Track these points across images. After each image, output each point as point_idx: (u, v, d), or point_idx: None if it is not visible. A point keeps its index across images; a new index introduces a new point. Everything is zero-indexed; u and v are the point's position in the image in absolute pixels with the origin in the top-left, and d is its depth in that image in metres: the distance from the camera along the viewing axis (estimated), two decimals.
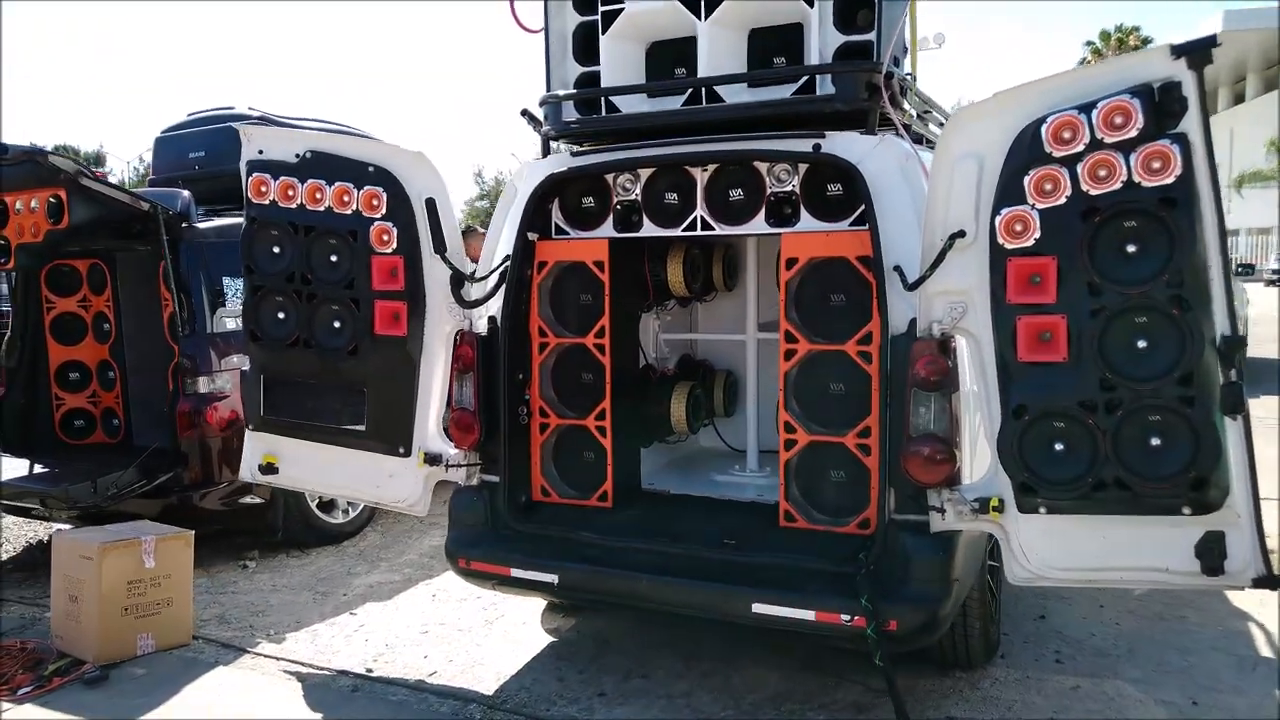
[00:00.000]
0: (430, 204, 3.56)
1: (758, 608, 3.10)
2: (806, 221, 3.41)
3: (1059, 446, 2.70)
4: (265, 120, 5.98)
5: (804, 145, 3.26)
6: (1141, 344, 2.59)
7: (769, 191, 3.44)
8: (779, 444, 3.45)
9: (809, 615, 3.04)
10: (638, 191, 3.64)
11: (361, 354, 3.67)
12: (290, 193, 3.67)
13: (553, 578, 3.41)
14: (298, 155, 3.69)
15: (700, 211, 3.54)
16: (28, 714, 3.49)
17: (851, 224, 3.31)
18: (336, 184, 3.60)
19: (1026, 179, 2.69)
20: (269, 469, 4.01)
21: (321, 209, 3.64)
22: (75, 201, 4.66)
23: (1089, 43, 38.41)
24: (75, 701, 3.56)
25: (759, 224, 3.47)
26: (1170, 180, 2.52)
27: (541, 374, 3.82)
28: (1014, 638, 4.07)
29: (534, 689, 3.64)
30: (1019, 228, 2.71)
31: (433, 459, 3.68)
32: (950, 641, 3.56)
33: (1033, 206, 2.69)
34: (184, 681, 3.72)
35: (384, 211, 3.58)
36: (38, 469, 5.27)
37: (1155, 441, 2.59)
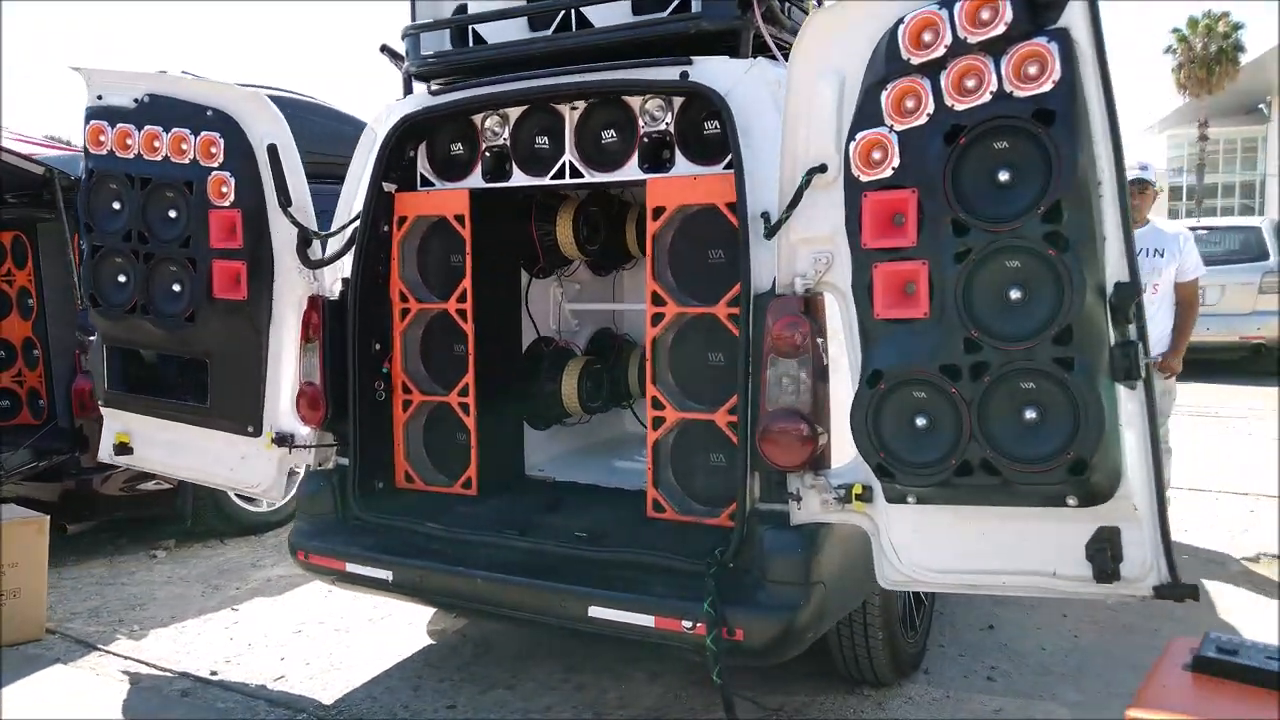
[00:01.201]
0: (272, 151, 3.19)
1: (594, 611, 2.67)
2: (682, 165, 2.96)
3: (920, 421, 2.21)
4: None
5: (670, 73, 2.81)
6: (1014, 294, 2.10)
7: (642, 131, 2.99)
8: (648, 423, 3.01)
9: (648, 621, 2.60)
10: (506, 136, 3.23)
11: (200, 320, 3.32)
12: (127, 141, 3.32)
13: (387, 574, 3.02)
14: (136, 100, 3.35)
15: (569, 156, 3.11)
16: None
17: (725, 166, 2.85)
18: (174, 130, 3.25)
19: (884, 94, 2.21)
20: (122, 449, 3.69)
21: (159, 158, 3.29)
22: None
23: (1175, 29, 36.63)
24: None
25: (632, 169, 3.02)
26: (1047, 88, 2.02)
27: (406, 345, 3.42)
28: (950, 650, 3.57)
29: (381, 699, 3.25)
30: (877, 155, 2.24)
31: (282, 439, 3.32)
32: (850, 654, 3.08)
33: (891, 129, 2.21)
34: (6, 680, 3.41)
35: (222, 160, 3.22)
36: None
37: (1029, 415, 2.09)
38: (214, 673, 3.50)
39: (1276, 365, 10.67)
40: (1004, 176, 2.09)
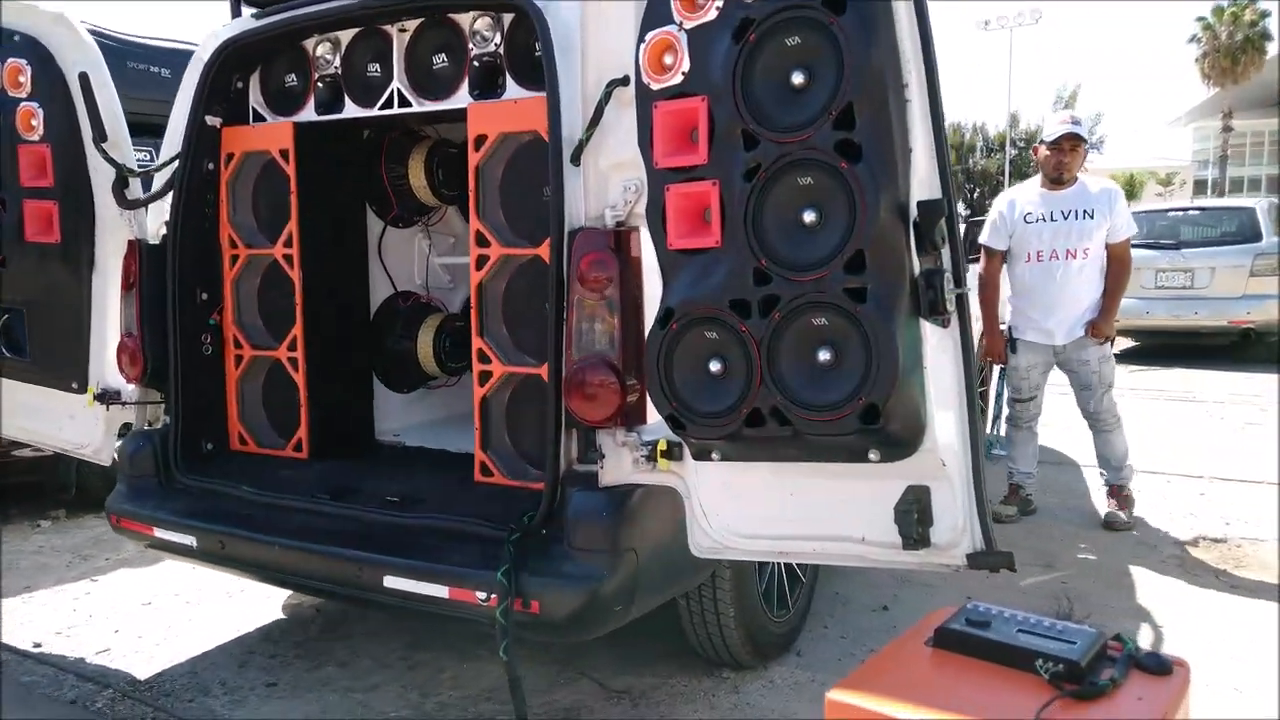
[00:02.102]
0: (84, 80, 2.93)
1: (390, 581, 2.41)
2: (513, 91, 2.67)
3: (715, 366, 1.93)
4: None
5: None
6: (808, 216, 1.81)
7: (472, 54, 2.70)
8: (474, 379, 2.73)
9: (442, 592, 2.34)
10: (338, 63, 2.95)
11: (13, 265, 3.08)
12: None
13: (191, 540, 2.77)
14: None
15: (397, 84, 2.83)
16: None
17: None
18: None
19: None
20: None
21: None
22: None
23: (1200, 18, 35.84)
24: None
25: (462, 96, 2.74)
26: None
27: (238, 295, 3.15)
28: (833, 631, 3.30)
29: (202, 674, 3.00)
30: (668, 60, 1.95)
31: (104, 396, 3.07)
32: (701, 633, 2.82)
33: (680, 26, 1.92)
34: None
35: (29, 89, 2.97)
36: None
37: (822, 356, 1.81)
38: (38, 645, 3.26)
39: (1275, 351, 10.32)
40: (797, 79, 1.80)
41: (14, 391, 3.32)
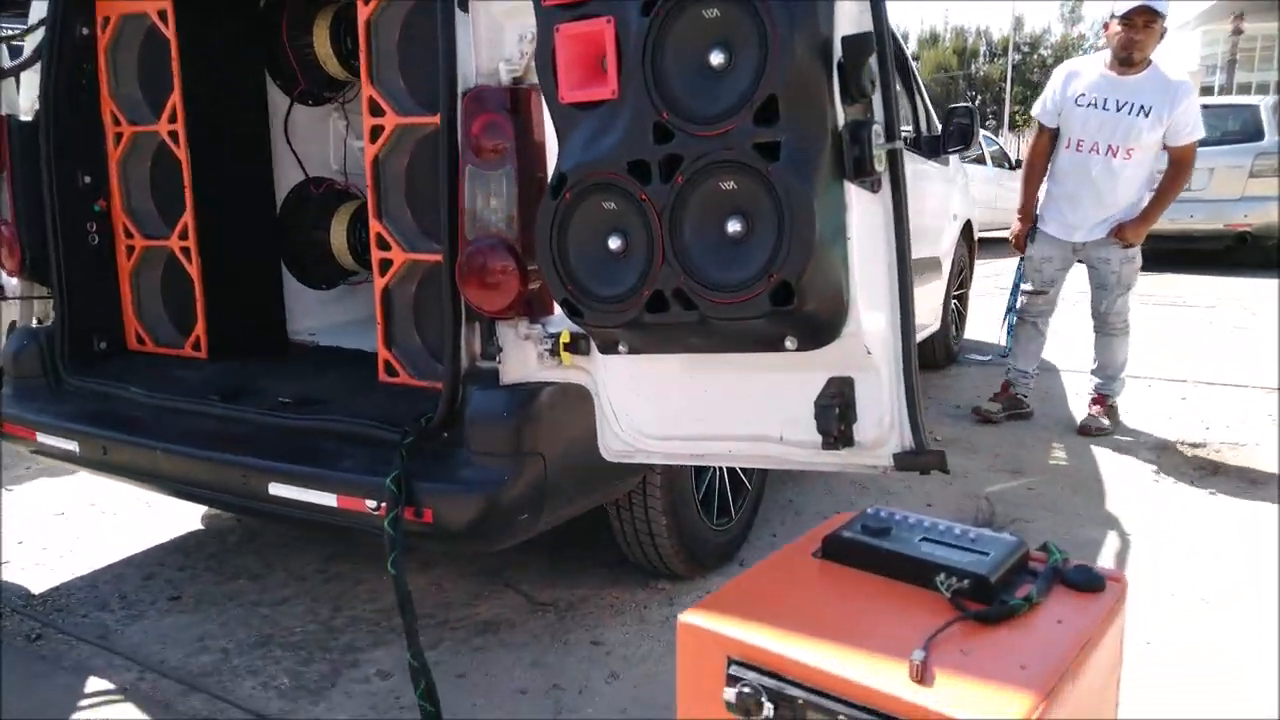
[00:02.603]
0: None
1: (275, 488, 2.18)
2: None
3: (614, 242, 1.66)
4: None
5: None
6: (715, 58, 1.51)
7: None
8: (374, 269, 2.46)
9: (330, 500, 2.11)
10: None
11: None
12: None
13: (74, 445, 2.54)
14: None
15: None
16: None
17: None
18: None
19: None
20: None
21: None
22: None
23: None
24: None
25: None
26: None
27: (127, 178, 2.85)
28: (782, 539, 3.09)
29: (102, 588, 2.81)
30: None
31: None
32: (634, 542, 2.62)
33: None
34: None
35: None
36: None
37: (732, 227, 1.53)
38: None
39: (1273, 255, 10.03)
40: None
41: None
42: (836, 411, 1.60)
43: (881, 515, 1.35)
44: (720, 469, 2.81)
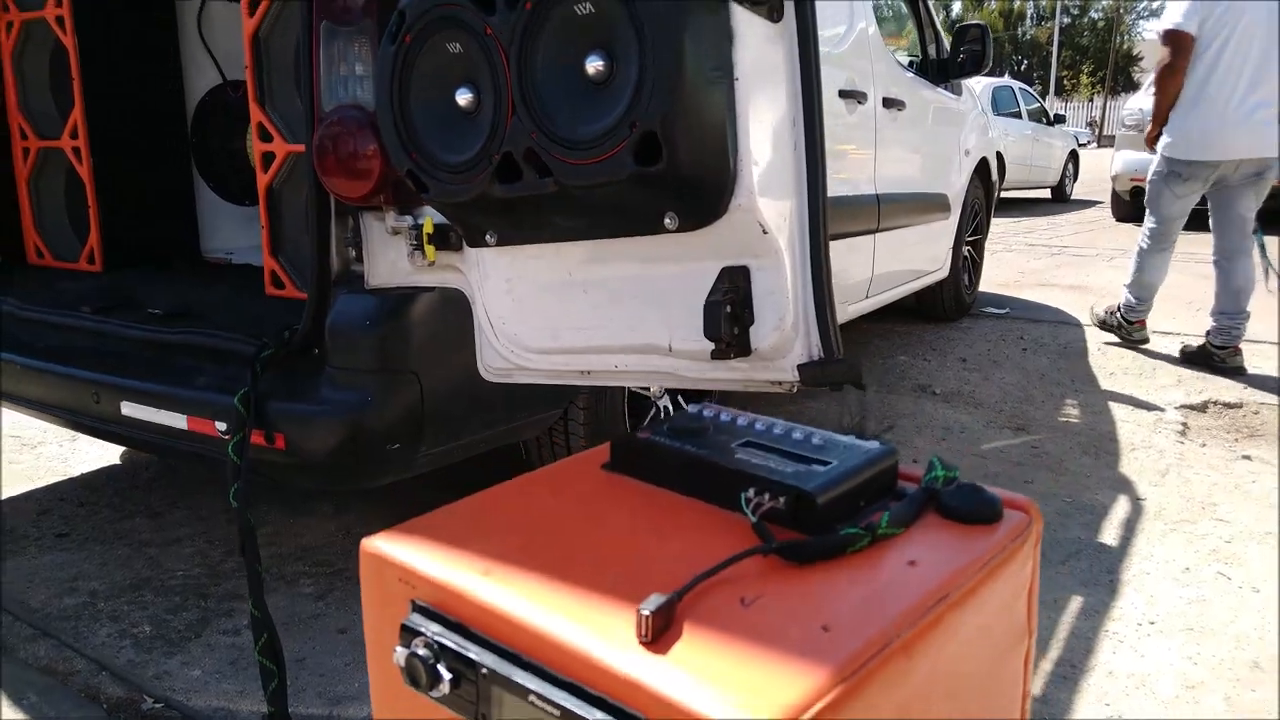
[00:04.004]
0: None
1: (127, 408, 1.90)
2: None
3: (463, 96, 1.33)
4: None
5: None
6: None
7: None
8: (256, 163, 2.15)
9: (179, 421, 1.83)
10: None
11: None
12: None
13: None
14: None
15: None
16: None
17: None
18: None
19: None
20: None
21: None
22: None
23: None
24: None
25: None
26: None
27: (21, 73, 2.57)
28: None
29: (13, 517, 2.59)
30: None
31: None
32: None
33: None
34: None
35: None
36: None
37: (593, 66, 1.19)
38: None
39: None
40: None
41: None
42: (728, 309, 1.26)
43: (704, 415, 1.03)
44: (669, 389, 2.50)
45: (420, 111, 1.37)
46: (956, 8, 38.93)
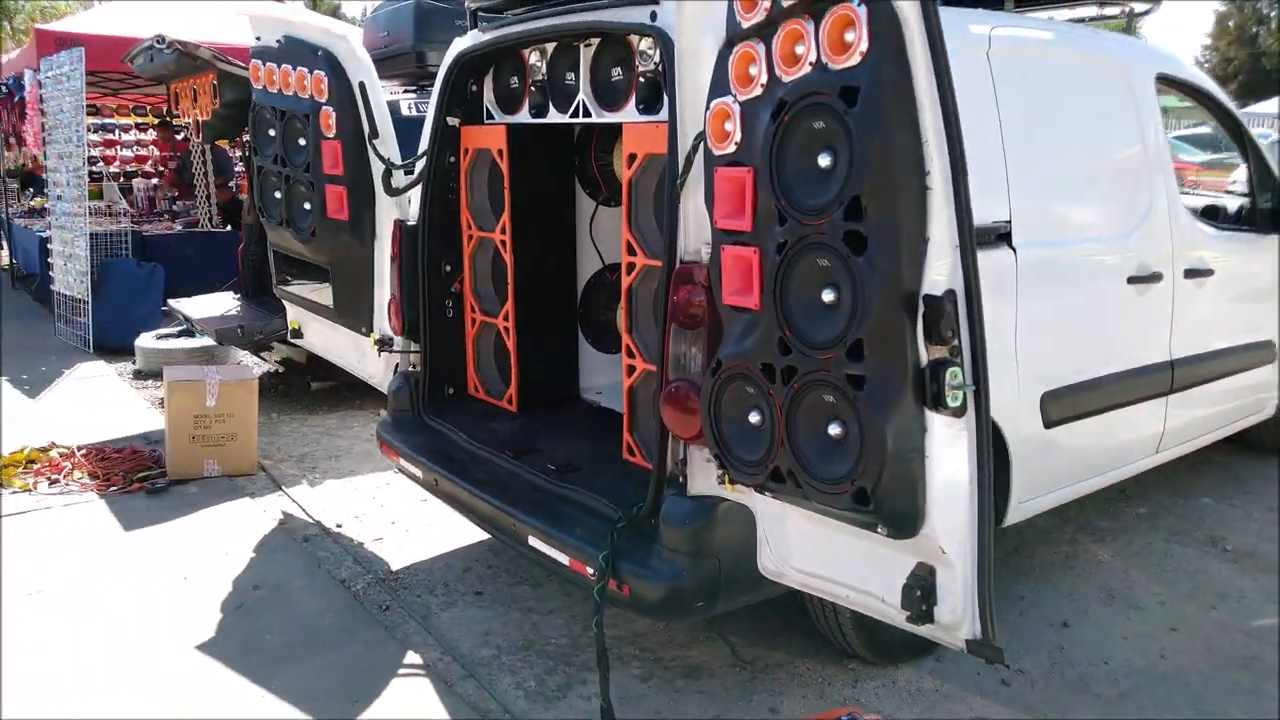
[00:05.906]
0: (362, 89, 3.58)
1: (533, 541, 2.87)
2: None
3: (754, 418, 2.07)
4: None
5: (639, 15, 2.68)
6: (827, 296, 1.85)
7: (639, 70, 2.92)
8: (622, 370, 3.05)
9: (564, 559, 2.75)
10: (544, 71, 3.31)
11: (320, 235, 3.89)
12: (273, 78, 3.91)
13: (419, 472, 3.45)
14: (278, 41, 3.89)
15: (583, 95, 3.13)
16: (91, 504, 4.40)
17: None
18: (298, 68, 3.76)
19: (730, 59, 2.00)
20: (296, 334, 4.54)
21: (290, 93, 3.83)
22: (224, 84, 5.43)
23: None
24: (130, 504, 4.42)
25: (630, 110, 2.97)
26: (854, 60, 1.71)
27: (474, 268, 3.73)
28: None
29: (436, 573, 3.75)
30: (726, 126, 2.04)
31: (382, 342, 3.85)
32: (823, 623, 2.98)
33: (735, 99, 2.00)
34: (211, 503, 4.41)
35: (327, 96, 3.68)
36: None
37: (833, 430, 1.87)
38: (339, 525, 4.24)
39: None
40: (823, 162, 1.82)
41: (332, 329, 4.23)
42: (918, 594, 1.88)
43: None
44: None
45: (726, 418, 2.13)
46: None
